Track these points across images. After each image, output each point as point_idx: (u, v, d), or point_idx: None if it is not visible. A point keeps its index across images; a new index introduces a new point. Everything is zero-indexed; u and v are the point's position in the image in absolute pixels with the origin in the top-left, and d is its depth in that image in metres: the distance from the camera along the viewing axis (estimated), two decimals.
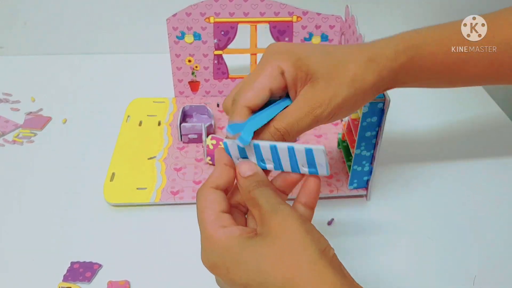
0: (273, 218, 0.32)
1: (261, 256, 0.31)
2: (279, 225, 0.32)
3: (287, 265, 0.30)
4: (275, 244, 0.31)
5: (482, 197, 0.57)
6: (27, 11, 0.81)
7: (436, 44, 0.44)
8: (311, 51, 0.40)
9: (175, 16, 0.65)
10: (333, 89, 0.38)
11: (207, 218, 0.34)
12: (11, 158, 0.62)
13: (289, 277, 0.30)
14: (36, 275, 0.47)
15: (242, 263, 0.32)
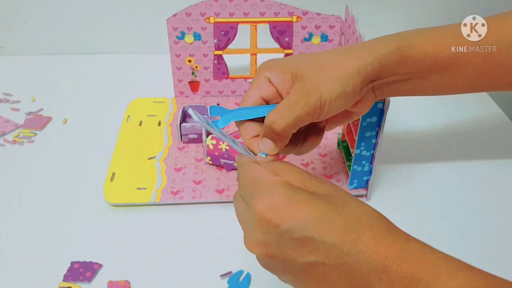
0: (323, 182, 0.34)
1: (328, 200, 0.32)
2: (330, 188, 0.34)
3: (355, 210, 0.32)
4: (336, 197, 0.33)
5: (482, 197, 0.57)
6: (27, 11, 0.81)
7: (426, 37, 0.43)
8: (296, 57, 0.42)
9: (175, 16, 0.65)
10: (318, 79, 0.39)
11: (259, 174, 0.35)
12: (12, 158, 0.62)
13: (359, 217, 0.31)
14: (36, 275, 0.47)
15: (310, 202, 0.31)
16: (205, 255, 0.49)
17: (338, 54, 0.42)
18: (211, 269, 0.47)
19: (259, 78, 0.41)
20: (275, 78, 0.40)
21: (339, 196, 0.33)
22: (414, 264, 0.29)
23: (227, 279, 0.47)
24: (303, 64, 0.41)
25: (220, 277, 0.47)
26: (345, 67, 0.40)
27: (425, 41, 0.43)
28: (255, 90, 0.41)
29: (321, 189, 0.33)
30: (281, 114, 0.38)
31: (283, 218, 0.31)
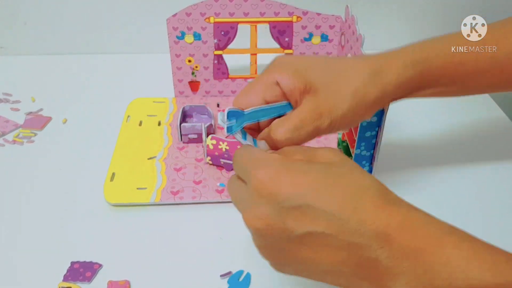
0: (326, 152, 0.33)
1: (327, 170, 0.31)
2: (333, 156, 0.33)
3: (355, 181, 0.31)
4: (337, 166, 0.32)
5: (482, 198, 0.57)
6: (27, 11, 0.81)
7: (445, 56, 0.44)
8: (311, 63, 0.40)
9: (175, 16, 0.65)
10: (334, 101, 0.38)
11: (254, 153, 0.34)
12: (11, 158, 0.62)
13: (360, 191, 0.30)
14: (36, 275, 0.47)
15: (309, 172, 0.31)
16: (205, 255, 0.49)
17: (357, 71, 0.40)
18: (211, 269, 0.47)
19: (268, 78, 0.39)
20: (285, 84, 0.38)
21: (343, 165, 0.32)
22: (417, 234, 0.29)
23: (227, 279, 0.47)
24: (318, 74, 0.39)
25: (220, 277, 0.47)
26: (364, 93, 0.39)
27: (446, 61, 0.44)
28: (260, 90, 0.39)
29: (325, 158, 0.33)
30: (292, 132, 0.37)
31: (282, 187, 0.30)
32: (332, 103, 0.38)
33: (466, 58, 0.44)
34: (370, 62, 0.41)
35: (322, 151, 0.33)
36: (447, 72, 0.43)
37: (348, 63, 0.41)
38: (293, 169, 0.31)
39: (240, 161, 0.34)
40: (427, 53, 0.43)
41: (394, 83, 0.40)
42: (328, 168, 0.31)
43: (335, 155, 0.33)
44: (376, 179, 0.32)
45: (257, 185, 0.31)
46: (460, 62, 0.44)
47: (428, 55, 0.43)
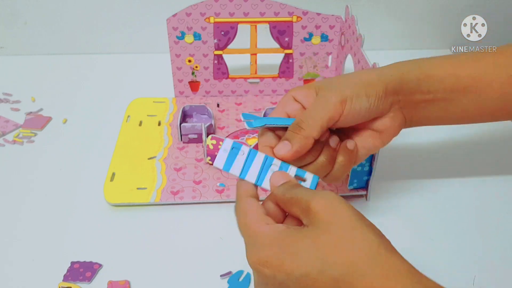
0: (318, 203, 0.32)
1: (318, 243, 0.30)
2: (326, 209, 0.31)
3: (347, 249, 0.29)
4: (330, 230, 0.30)
5: (482, 197, 0.57)
6: (27, 11, 0.81)
7: (445, 58, 0.44)
8: (323, 80, 0.44)
9: (175, 16, 0.65)
10: (340, 84, 0.41)
11: (249, 220, 0.34)
12: (11, 158, 0.62)
13: (352, 261, 0.29)
14: (36, 275, 0.47)
15: (299, 252, 0.30)
16: (205, 255, 0.49)
17: (359, 71, 0.44)
18: (211, 269, 0.47)
19: (285, 98, 0.42)
20: (300, 95, 0.42)
21: (336, 224, 0.31)
22: None
23: (227, 279, 0.47)
24: (327, 81, 0.43)
25: (220, 277, 0.47)
26: (367, 76, 0.42)
27: (445, 61, 0.44)
28: (280, 108, 0.42)
29: (319, 219, 0.31)
30: (306, 114, 0.39)
31: (277, 271, 0.31)
32: (340, 85, 0.40)
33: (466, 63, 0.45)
34: (371, 68, 0.45)
35: (320, 204, 0.32)
36: (448, 70, 0.44)
37: (354, 72, 0.46)
38: (285, 252, 0.31)
39: (237, 221, 0.36)
40: (424, 59, 0.45)
41: (394, 70, 0.43)
42: (323, 237, 0.31)
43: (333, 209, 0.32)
44: (376, 235, 0.31)
45: (252, 266, 0.32)
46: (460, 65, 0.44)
47: (425, 60, 0.45)
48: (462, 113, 0.46)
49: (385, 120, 0.43)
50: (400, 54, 0.86)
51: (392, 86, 0.42)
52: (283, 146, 0.38)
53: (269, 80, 0.72)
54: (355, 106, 0.40)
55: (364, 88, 0.40)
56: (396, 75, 0.42)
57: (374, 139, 0.44)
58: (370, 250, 0.29)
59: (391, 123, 0.43)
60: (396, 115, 0.43)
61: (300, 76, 0.72)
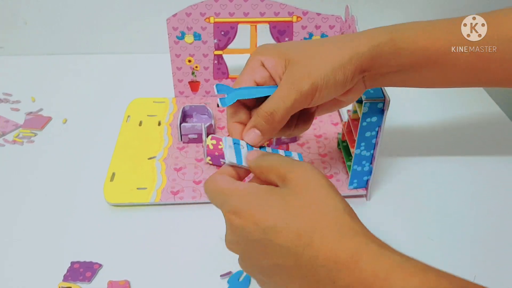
0: (295, 173, 0.33)
1: (289, 201, 0.32)
2: (302, 177, 0.33)
3: (314, 210, 0.31)
4: (301, 193, 0.32)
5: (482, 197, 0.57)
6: (27, 11, 0.81)
7: (421, 30, 0.43)
8: (291, 44, 0.43)
9: (175, 16, 0.65)
10: (311, 65, 0.40)
11: (221, 184, 0.35)
12: (11, 158, 0.62)
13: (316, 219, 0.31)
14: (36, 275, 0.47)
15: (269, 205, 0.32)
16: (205, 255, 0.49)
17: (332, 42, 0.43)
18: (211, 269, 0.47)
19: (253, 61, 0.42)
20: (269, 62, 0.41)
21: (308, 189, 0.33)
22: (366, 270, 0.29)
23: (227, 279, 0.47)
24: (297, 50, 0.42)
25: (220, 277, 0.47)
26: (338, 55, 0.41)
27: (419, 34, 0.43)
28: (249, 74, 0.41)
29: (296, 181, 0.33)
30: (277, 103, 0.39)
31: (246, 221, 0.32)
32: (310, 66, 0.40)
33: (440, 34, 0.44)
34: (346, 34, 0.45)
35: (296, 173, 0.34)
36: (419, 44, 0.43)
37: (326, 39, 0.44)
38: (254, 203, 0.33)
39: (209, 195, 0.36)
40: (400, 26, 0.44)
41: (366, 45, 0.41)
42: (294, 197, 0.33)
43: (301, 176, 0.34)
44: (342, 203, 0.33)
45: (225, 217, 0.34)
46: (433, 38, 0.43)
47: (400, 26, 0.44)
48: (425, 82, 0.47)
49: (347, 93, 0.43)
50: None
51: (362, 66, 0.41)
52: (253, 134, 0.40)
53: None
54: (324, 94, 0.40)
55: (334, 72, 0.40)
56: (367, 54, 0.41)
57: (333, 105, 0.46)
58: (335, 214, 0.32)
59: (352, 95, 0.44)
60: (358, 87, 0.44)
61: None
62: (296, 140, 0.63)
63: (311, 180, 0.33)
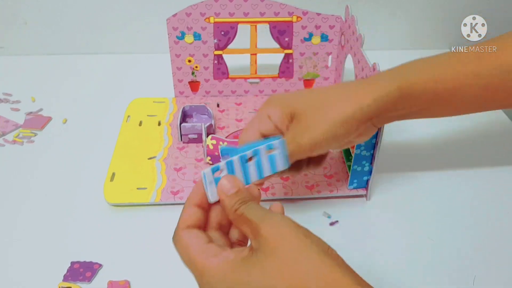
0: (266, 228, 0.31)
1: (263, 270, 0.30)
2: (274, 234, 0.31)
3: (292, 272, 0.29)
4: (275, 254, 0.30)
5: (482, 197, 0.57)
6: (27, 11, 0.81)
7: (426, 72, 0.44)
8: (298, 95, 0.45)
9: (175, 16, 0.65)
10: (313, 119, 0.42)
11: (194, 254, 0.33)
12: (11, 158, 0.62)
13: (297, 284, 0.29)
14: (36, 275, 0.47)
15: (246, 284, 0.30)
16: None
17: (338, 93, 0.44)
18: None
19: (261, 114, 0.44)
20: (274, 115, 0.43)
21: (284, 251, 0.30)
22: None
23: None
24: (303, 101, 0.43)
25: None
26: (341, 110, 0.42)
27: (425, 77, 0.44)
28: (255, 126, 0.44)
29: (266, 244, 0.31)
30: None
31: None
32: (310, 121, 0.42)
33: (446, 74, 0.44)
34: (351, 84, 0.45)
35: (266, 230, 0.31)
36: (427, 88, 0.43)
37: (331, 88, 0.46)
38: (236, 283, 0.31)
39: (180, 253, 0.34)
40: (405, 70, 0.45)
41: (371, 97, 0.42)
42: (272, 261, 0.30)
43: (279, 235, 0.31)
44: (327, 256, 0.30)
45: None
46: (440, 79, 0.44)
47: (406, 71, 0.44)
48: (435, 115, 0.48)
49: (359, 138, 0.45)
50: (400, 54, 0.86)
51: (368, 116, 0.42)
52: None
53: (269, 80, 0.72)
54: (324, 147, 0.42)
55: (336, 127, 0.41)
56: (373, 105, 0.42)
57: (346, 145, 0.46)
58: (315, 269, 0.29)
59: (363, 137, 0.45)
60: (368, 130, 0.44)
61: (300, 76, 0.72)
62: None
63: (284, 235, 0.31)
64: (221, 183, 0.35)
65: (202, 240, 0.34)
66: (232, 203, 0.34)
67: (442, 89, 0.44)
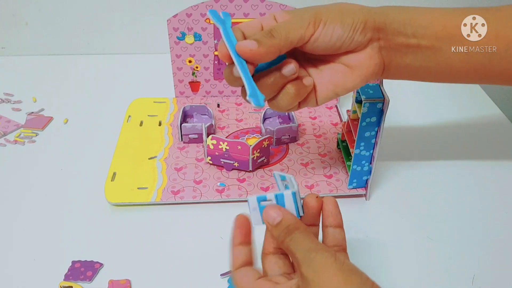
0: (308, 271, 0.31)
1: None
2: (314, 278, 0.31)
3: None
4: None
5: (481, 197, 0.57)
6: (28, 12, 0.81)
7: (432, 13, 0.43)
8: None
9: (176, 16, 0.65)
10: (316, 9, 0.40)
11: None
12: (13, 158, 0.62)
13: None
14: (37, 274, 0.47)
15: None
16: (205, 255, 0.49)
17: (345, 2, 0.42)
18: (211, 269, 0.48)
19: (267, 15, 0.42)
20: (280, 16, 0.41)
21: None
22: None
23: (227, 279, 0.47)
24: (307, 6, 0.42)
25: (220, 277, 0.47)
26: (349, 5, 0.41)
27: (433, 10, 0.42)
28: (258, 19, 0.41)
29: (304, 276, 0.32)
30: (278, 24, 0.39)
31: None
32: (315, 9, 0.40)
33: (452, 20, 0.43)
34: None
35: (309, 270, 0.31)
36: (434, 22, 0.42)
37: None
38: None
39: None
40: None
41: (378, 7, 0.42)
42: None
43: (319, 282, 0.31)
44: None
45: None
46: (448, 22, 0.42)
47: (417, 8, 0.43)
48: (446, 65, 0.43)
49: (360, 56, 0.41)
50: None
51: (373, 20, 0.40)
52: (249, 43, 0.37)
53: None
54: (327, 29, 0.39)
55: (341, 14, 0.39)
56: (379, 12, 0.40)
57: (344, 75, 0.42)
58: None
59: (365, 60, 0.41)
60: (373, 54, 0.41)
61: None
62: (296, 140, 0.64)
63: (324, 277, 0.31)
64: (266, 212, 0.35)
65: (251, 278, 0.35)
66: (278, 233, 0.34)
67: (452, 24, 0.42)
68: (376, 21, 0.40)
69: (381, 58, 0.42)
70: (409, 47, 0.42)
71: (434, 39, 0.42)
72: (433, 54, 0.42)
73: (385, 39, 0.41)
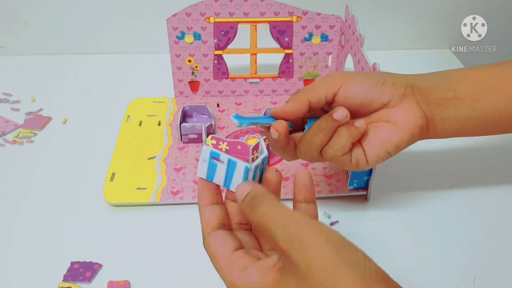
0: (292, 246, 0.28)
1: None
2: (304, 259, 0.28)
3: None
4: (306, 283, 0.28)
5: (482, 197, 0.57)
6: (27, 11, 0.81)
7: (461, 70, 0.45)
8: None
9: (175, 16, 0.65)
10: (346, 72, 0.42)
11: (221, 266, 0.32)
12: (11, 158, 0.62)
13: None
14: (36, 275, 0.47)
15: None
16: (206, 255, 0.49)
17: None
18: (211, 269, 0.47)
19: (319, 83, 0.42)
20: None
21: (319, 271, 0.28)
22: None
23: None
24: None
25: (220, 277, 0.47)
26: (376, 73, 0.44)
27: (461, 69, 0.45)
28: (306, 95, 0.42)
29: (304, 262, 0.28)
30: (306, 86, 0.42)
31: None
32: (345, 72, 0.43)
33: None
34: None
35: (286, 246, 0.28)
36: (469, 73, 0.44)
37: None
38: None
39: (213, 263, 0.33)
40: None
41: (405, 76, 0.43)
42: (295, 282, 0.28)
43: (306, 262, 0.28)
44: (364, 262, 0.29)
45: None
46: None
47: None
48: (495, 112, 0.42)
49: (399, 110, 0.41)
50: (400, 54, 0.86)
51: (403, 78, 0.41)
52: (278, 105, 0.41)
53: (269, 80, 0.72)
54: (354, 81, 0.40)
55: (368, 75, 0.41)
56: (408, 76, 0.42)
57: (388, 130, 0.41)
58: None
59: (405, 113, 0.41)
60: (411, 107, 0.41)
61: (300, 76, 0.72)
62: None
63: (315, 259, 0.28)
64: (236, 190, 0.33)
65: (228, 248, 0.32)
66: (245, 206, 0.32)
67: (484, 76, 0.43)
68: (406, 79, 0.42)
69: (422, 111, 0.41)
70: (447, 100, 0.41)
71: (471, 89, 0.41)
72: (476, 103, 0.41)
73: (420, 94, 0.41)
